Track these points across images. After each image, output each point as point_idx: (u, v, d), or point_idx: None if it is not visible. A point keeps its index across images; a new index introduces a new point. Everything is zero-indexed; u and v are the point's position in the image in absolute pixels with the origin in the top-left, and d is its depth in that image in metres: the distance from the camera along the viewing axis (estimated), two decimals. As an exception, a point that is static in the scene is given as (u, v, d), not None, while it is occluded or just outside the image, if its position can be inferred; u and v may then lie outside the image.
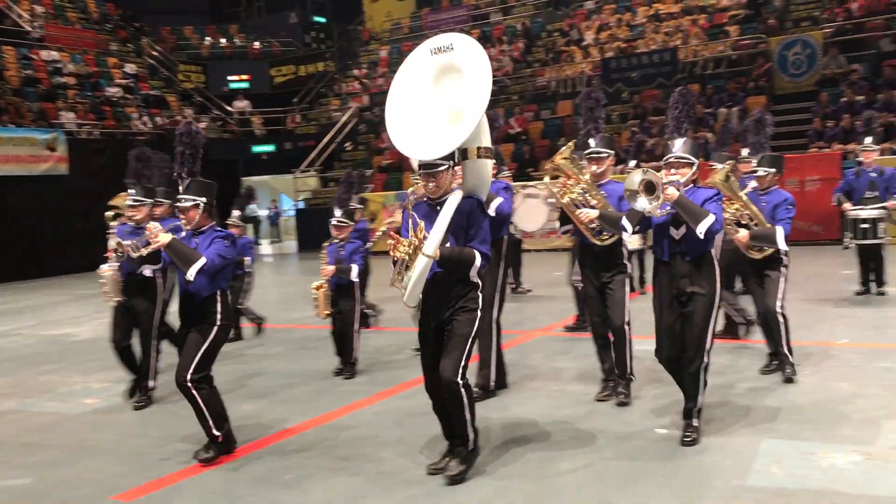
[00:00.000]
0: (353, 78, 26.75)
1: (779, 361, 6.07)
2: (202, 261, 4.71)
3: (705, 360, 4.69)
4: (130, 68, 24.90)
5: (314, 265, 8.71)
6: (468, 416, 4.31)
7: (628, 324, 5.60)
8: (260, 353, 8.31)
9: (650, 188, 4.50)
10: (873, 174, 9.04)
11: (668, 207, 4.56)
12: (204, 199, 4.91)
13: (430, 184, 4.40)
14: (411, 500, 4.17)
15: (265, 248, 25.85)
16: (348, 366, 6.95)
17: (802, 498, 3.91)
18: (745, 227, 5.87)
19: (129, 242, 5.13)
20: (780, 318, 5.94)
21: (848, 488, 3.99)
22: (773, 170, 6.10)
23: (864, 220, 8.93)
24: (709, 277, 4.67)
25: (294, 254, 22.27)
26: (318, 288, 6.75)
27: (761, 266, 6.01)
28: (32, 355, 8.92)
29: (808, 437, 4.74)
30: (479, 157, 4.42)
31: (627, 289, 5.64)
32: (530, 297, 10.97)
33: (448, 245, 4.29)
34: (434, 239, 4.22)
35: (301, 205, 23.67)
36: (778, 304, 5.94)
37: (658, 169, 4.84)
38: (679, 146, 4.76)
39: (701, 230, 4.48)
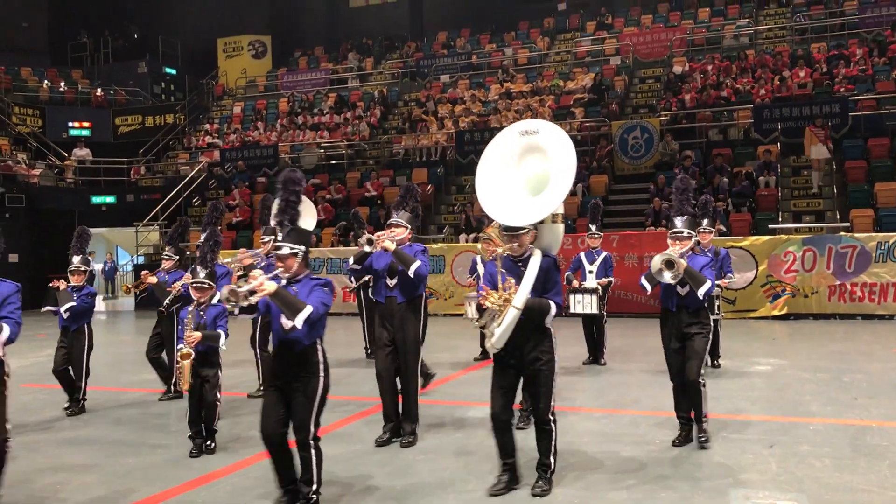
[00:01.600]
0: (204, 132, 26.13)
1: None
2: (308, 309, 4.62)
3: (702, 378, 6.08)
4: (-44, 106, 23.19)
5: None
6: (553, 446, 5.21)
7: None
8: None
9: (670, 265, 6.02)
10: (709, 255, 9.72)
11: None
12: (303, 248, 4.86)
13: (514, 244, 5.13)
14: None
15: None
16: (210, 434, 6.55)
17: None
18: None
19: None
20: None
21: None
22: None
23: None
24: (706, 318, 6.17)
25: (130, 311, 21.11)
26: (183, 357, 6.22)
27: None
28: None
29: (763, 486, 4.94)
30: (553, 222, 5.33)
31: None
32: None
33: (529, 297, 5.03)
34: (523, 293, 4.97)
35: (141, 259, 22.58)
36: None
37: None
38: (680, 223, 6.39)
39: (701, 293, 5.97)
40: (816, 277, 14.06)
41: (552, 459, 5.20)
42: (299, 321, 4.58)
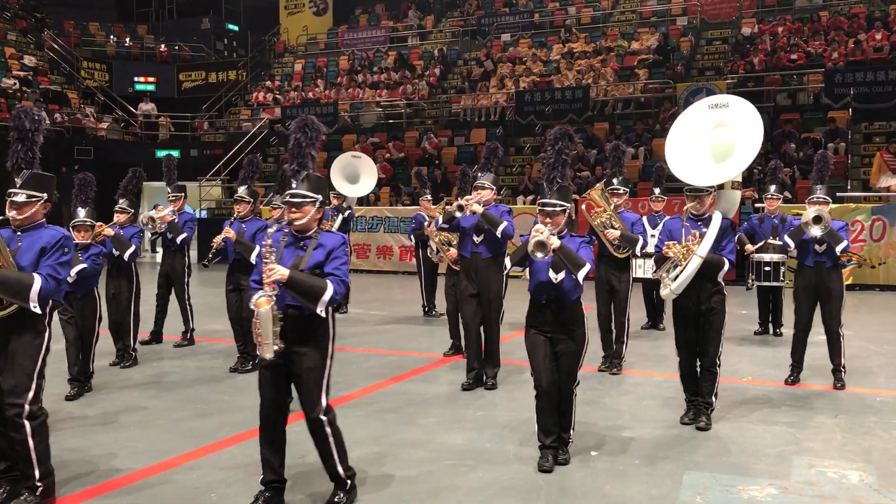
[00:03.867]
0: (266, 89, 26.35)
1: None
2: (588, 265, 4.73)
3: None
4: (29, 60, 23.79)
5: (212, 276, 8.47)
6: (716, 388, 5.87)
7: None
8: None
9: (817, 220, 6.59)
10: (776, 221, 9.54)
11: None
12: (570, 205, 4.96)
13: (696, 203, 5.72)
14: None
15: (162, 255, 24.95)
16: None
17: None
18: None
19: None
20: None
21: (770, 520, 4.17)
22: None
23: (767, 264, 9.40)
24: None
25: (193, 264, 21.58)
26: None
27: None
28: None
29: (727, 471, 4.93)
30: (732, 188, 5.94)
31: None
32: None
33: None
34: (707, 244, 5.50)
35: (204, 214, 23.03)
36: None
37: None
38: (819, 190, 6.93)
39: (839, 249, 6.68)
40: (885, 248, 13.67)
41: (713, 399, 5.87)
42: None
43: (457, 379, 7.35)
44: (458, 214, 6.86)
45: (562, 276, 4.84)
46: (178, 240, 8.92)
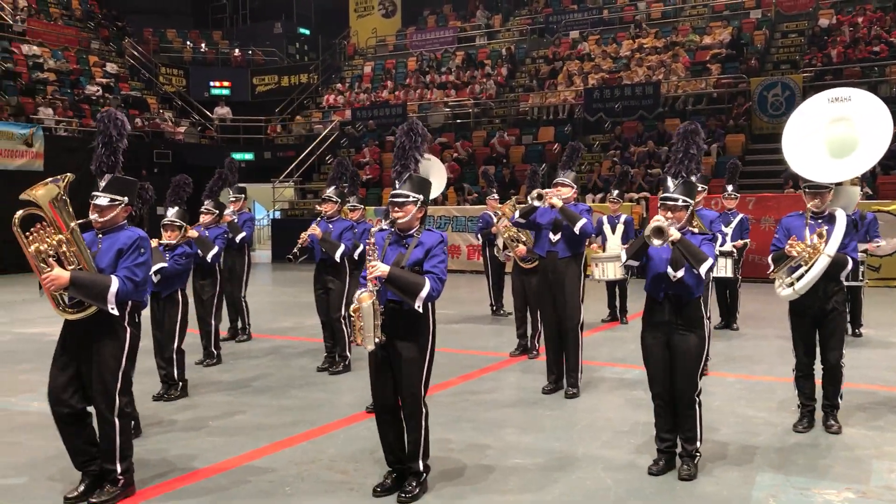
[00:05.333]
0: (336, 92, 26.76)
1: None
2: (711, 260, 4.64)
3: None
4: (111, 67, 24.69)
5: (286, 276, 8.64)
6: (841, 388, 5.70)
7: None
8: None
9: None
10: (854, 217, 9.25)
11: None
12: (694, 202, 4.92)
13: (817, 200, 5.54)
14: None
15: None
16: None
17: (803, 532, 3.99)
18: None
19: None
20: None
21: (845, 524, 4.08)
22: None
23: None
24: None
25: (267, 263, 22.11)
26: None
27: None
28: (8, 353, 8.76)
29: (801, 472, 4.84)
30: (851, 184, 5.86)
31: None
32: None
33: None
34: (835, 243, 5.35)
35: (277, 214, 23.54)
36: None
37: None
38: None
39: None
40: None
41: (839, 400, 5.70)
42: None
43: (523, 379, 7.38)
44: (536, 203, 6.64)
45: (681, 273, 4.67)
46: (238, 239, 9.20)
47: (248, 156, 25.29)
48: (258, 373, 7.79)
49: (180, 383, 6.84)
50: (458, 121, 23.32)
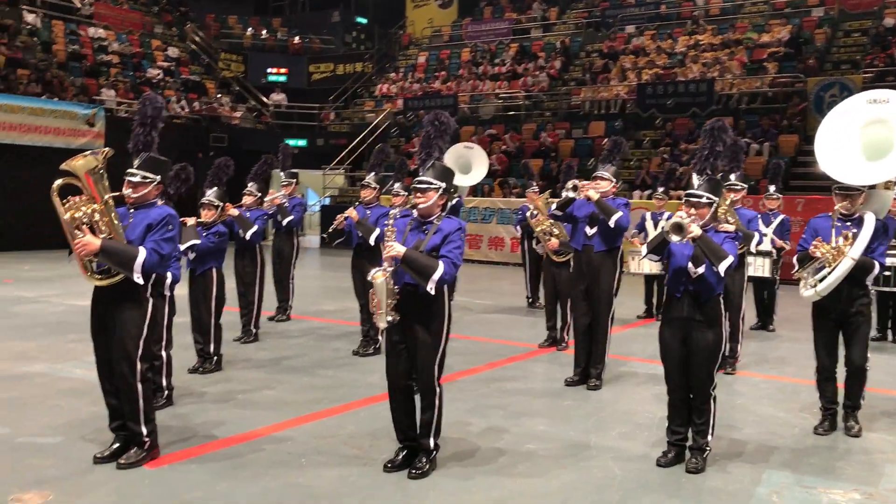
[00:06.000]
0: (390, 81, 27.00)
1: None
2: (731, 258, 4.64)
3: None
4: (172, 52, 25.32)
5: (334, 261, 8.85)
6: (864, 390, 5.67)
7: None
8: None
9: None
10: (886, 222, 9.07)
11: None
12: (718, 199, 4.87)
13: (847, 202, 5.50)
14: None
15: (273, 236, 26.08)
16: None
17: (801, 528, 4.03)
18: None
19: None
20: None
21: (846, 523, 4.10)
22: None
23: (887, 268, 8.95)
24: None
25: (316, 248, 22.49)
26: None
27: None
28: (60, 323, 9.17)
29: (811, 472, 4.86)
30: (885, 188, 5.66)
31: None
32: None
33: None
34: (860, 246, 5.29)
35: (327, 201, 23.90)
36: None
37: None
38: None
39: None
40: None
41: (861, 402, 5.68)
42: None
43: (549, 370, 7.47)
44: (570, 194, 6.63)
45: (702, 269, 4.72)
46: (285, 222, 9.43)
47: (301, 142, 25.69)
48: (292, 352, 8.03)
49: (215, 357, 7.10)
50: (510, 113, 23.34)
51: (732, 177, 7.66)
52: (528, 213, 10.04)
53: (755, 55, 20.89)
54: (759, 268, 9.60)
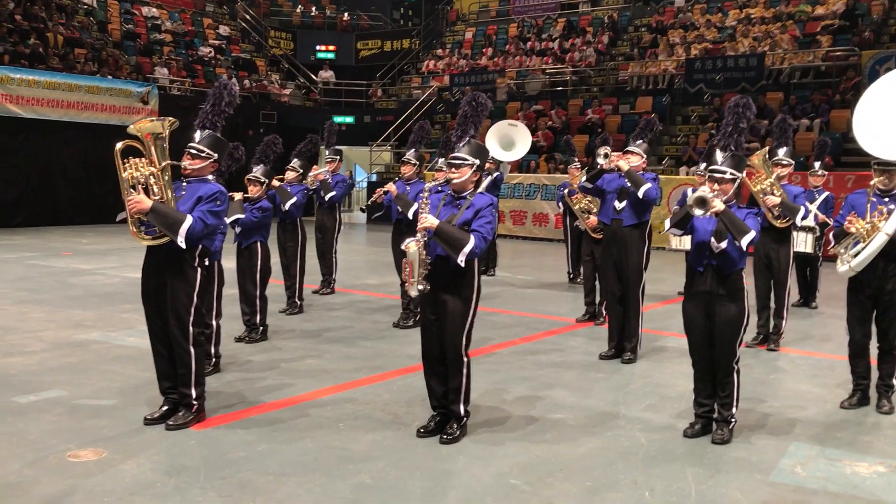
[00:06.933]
0: (436, 57, 27.06)
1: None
2: (753, 233, 4.68)
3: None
4: (223, 30, 25.74)
5: (379, 236, 9.06)
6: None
7: None
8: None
9: None
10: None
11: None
12: (742, 175, 4.91)
13: (884, 178, 5.52)
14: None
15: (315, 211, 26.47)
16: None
17: (820, 498, 4.12)
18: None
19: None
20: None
21: (865, 494, 4.18)
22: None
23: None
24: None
25: (363, 224, 22.80)
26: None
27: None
28: (115, 294, 9.57)
29: (837, 445, 4.92)
30: None
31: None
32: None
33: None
34: (894, 223, 5.24)
35: (374, 177, 24.17)
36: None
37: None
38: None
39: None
40: None
41: (894, 381, 5.62)
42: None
43: (586, 344, 7.60)
44: (600, 161, 6.70)
45: (724, 244, 4.78)
46: (327, 197, 9.64)
47: (349, 119, 25.96)
48: (335, 324, 8.29)
49: (261, 328, 7.38)
50: (558, 88, 23.23)
51: (780, 152, 7.66)
52: (565, 191, 10.12)
53: (808, 28, 20.43)
54: (801, 243, 9.54)
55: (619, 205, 6.88)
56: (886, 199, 5.54)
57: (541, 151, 19.82)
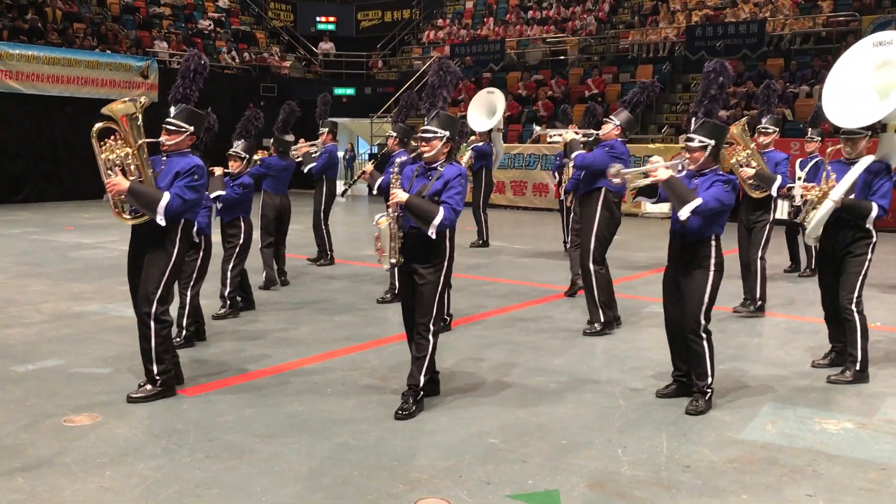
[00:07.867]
0: (437, 28, 26.95)
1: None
2: (697, 202, 4.71)
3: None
4: (223, 2, 25.67)
5: (383, 208, 9.09)
6: (858, 339, 5.47)
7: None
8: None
9: None
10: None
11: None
12: (713, 142, 4.82)
13: (848, 147, 5.49)
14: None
15: (339, 187, 26.53)
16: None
17: (785, 453, 4.26)
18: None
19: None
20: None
21: (831, 450, 4.32)
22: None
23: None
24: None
25: (364, 196, 22.89)
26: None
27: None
28: (114, 267, 9.70)
29: (809, 404, 5.06)
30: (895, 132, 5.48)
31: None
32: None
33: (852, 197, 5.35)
34: (841, 188, 5.32)
35: (375, 150, 24.20)
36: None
37: None
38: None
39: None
40: None
41: (857, 352, 5.48)
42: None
43: (572, 313, 7.71)
44: (554, 138, 7.01)
45: (685, 213, 4.77)
46: (305, 169, 9.66)
47: (350, 91, 25.95)
48: (328, 294, 8.44)
49: (229, 301, 7.23)
50: (560, 57, 23.14)
51: (764, 120, 7.74)
52: (564, 161, 10.21)
53: (809, -7, 20.28)
54: (780, 211, 9.60)
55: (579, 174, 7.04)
56: (849, 167, 5.54)
57: (539, 122, 19.81)
